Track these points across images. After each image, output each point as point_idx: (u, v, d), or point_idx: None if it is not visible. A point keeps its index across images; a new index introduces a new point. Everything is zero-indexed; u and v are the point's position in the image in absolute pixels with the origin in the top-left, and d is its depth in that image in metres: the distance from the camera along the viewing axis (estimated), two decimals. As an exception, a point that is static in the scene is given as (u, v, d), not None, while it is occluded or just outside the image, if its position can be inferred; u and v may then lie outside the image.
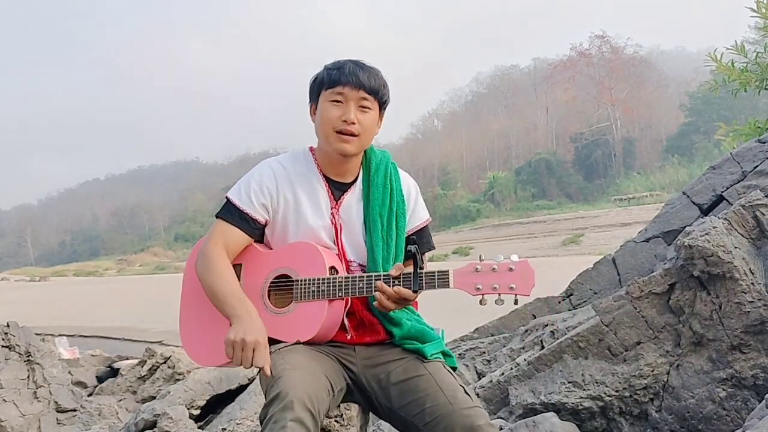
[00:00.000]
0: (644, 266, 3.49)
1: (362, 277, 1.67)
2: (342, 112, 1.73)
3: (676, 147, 54.83)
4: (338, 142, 1.74)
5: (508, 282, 1.55)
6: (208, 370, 5.90)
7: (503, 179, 61.27)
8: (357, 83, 1.73)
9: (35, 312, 20.28)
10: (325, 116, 1.74)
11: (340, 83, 1.73)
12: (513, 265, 1.56)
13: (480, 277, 1.58)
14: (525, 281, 1.55)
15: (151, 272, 60.12)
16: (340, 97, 1.74)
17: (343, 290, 1.68)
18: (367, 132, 1.77)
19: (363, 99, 1.75)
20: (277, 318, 1.72)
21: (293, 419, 1.41)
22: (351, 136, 1.74)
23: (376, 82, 1.76)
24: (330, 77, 1.75)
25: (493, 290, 1.56)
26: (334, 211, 1.80)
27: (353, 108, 1.73)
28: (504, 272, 1.56)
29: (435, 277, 1.60)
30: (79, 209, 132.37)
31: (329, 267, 1.71)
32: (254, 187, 1.79)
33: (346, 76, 1.73)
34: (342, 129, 1.73)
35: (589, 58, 71.05)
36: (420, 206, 1.91)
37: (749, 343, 2.45)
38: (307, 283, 1.70)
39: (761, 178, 3.15)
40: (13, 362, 5.18)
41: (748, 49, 4.45)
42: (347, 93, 1.73)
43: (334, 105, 1.74)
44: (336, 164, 1.81)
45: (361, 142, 1.77)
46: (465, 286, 1.59)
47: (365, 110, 1.76)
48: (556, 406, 2.71)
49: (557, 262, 25.48)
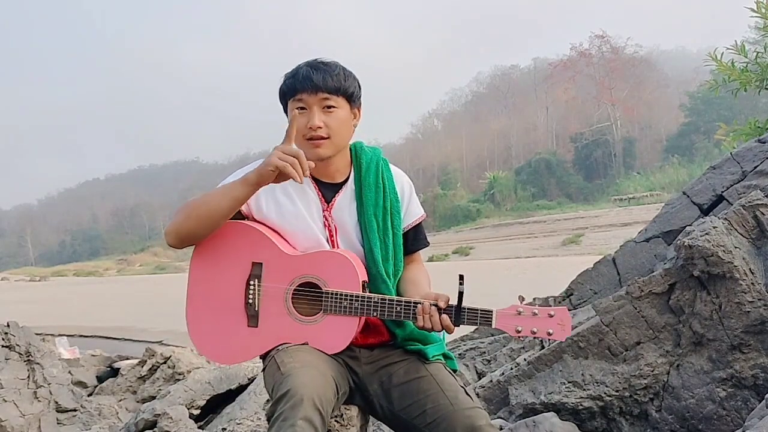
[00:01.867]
0: (644, 266, 3.49)
1: (400, 301, 1.66)
2: (307, 119, 1.71)
3: (676, 147, 54.81)
4: (310, 149, 1.72)
5: (547, 327, 1.63)
6: (209, 370, 5.91)
7: (503, 179, 61.24)
8: (313, 87, 1.70)
9: (35, 312, 20.25)
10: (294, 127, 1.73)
11: (298, 91, 1.72)
12: (553, 312, 1.64)
13: (521, 320, 1.64)
14: (563, 328, 1.63)
15: (151, 272, 60.08)
16: (302, 104, 1.72)
17: (379, 311, 1.66)
18: (338, 132, 1.74)
19: (324, 100, 1.71)
20: (302, 326, 1.70)
21: (303, 418, 1.40)
22: (320, 140, 1.71)
23: (333, 79, 1.72)
24: (288, 86, 1.74)
25: (532, 333, 1.63)
26: (326, 214, 1.79)
27: (317, 112, 1.71)
28: (544, 317, 1.63)
29: (478, 314, 1.64)
30: (79, 209, 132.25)
31: (362, 282, 1.70)
32: None
33: (301, 83, 1.71)
34: (310, 136, 1.71)
35: (589, 58, 71.00)
36: (414, 203, 1.90)
37: (749, 343, 2.45)
38: (339, 297, 1.67)
39: (761, 178, 3.14)
40: (13, 362, 5.19)
41: (748, 49, 4.45)
42: (306, 99, 1.71)
43: (300, 113, 1.72)
44: (321, 167, 1.79)
45: (334, 143, 1.74)
46: (506, 327, 1.64)
47: (330, 110, 1.72)
48: (556, 406, 2.71)
49: (557, 262, 25.50)
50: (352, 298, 1.66)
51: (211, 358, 1.82)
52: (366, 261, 1.78)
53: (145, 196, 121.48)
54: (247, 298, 1.74)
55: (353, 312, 1.66)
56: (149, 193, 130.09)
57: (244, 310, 1.74)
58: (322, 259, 1.72)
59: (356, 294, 1.67)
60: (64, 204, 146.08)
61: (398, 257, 1.82)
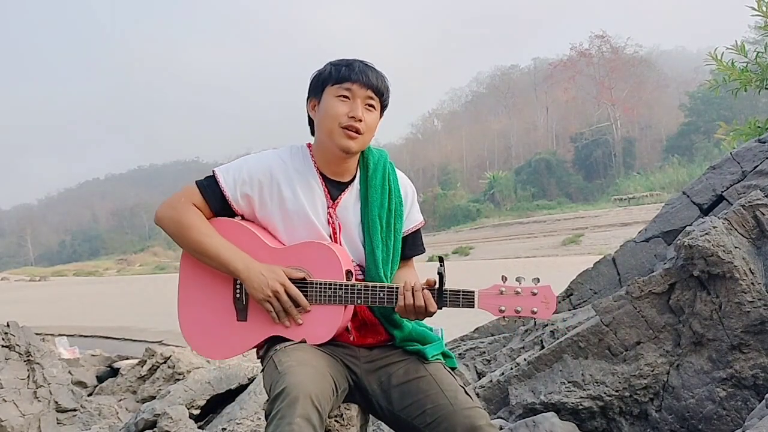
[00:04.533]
0: (644, 266, 3.49)
1: (383, 287, 1.66)
2: (349, 109, 1.71)
3: (676, 147, 54.84)
4: (343, 138, 1.72)
5: (531, 305, 1.61)
6: (209, 370, 5.90)
7: (503, 179, 61.28)
8: (366, 82, 1.72)
9: (35, 312, 20.26)
10: (332, 111, 1.72)
11: (350, 80, 1.72)
12: (536, 290, 1.61)
13: (504, 300, 1.62)
14: (547, 306, 1.61)
15: (151, 272, 60.12)
16: (347, 93, 1.72)
17: (362, 298, 1.66)
18: (370, 131, 1.76)
19: (369, 98, 1.73)
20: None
21: (300, 416, 1.40)
22: (356, 133, 1.72)
23: (383, 83, 1.76)
24: (339, 73, 1.73)
25: (516, 312, 1.61)
26: (331, 211, 1.78)
27: (360, 105, 1.72)
28: (527, 296, 1.61)
29: (460, 295, 1.63)
30: (79, 209, 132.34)
31: (345, 271, 1.70)
32: (244, 176, 1.76)
33: (356, 74, 1.72)
34: (348, 125, 1.71)
35: (589, 58, 71.06)
36: (415, 208, 1.91)
37: (749, 343, 2.45)
38: (323, 286, 1.68)
39: (761, 178, 3.14)
40: (13, 362, 5.19)
41: (748, 48, 4.44)
42: (355, 90, 1.71)
43: (341, 101, 1.72)
44: (334, 162, 1.79)
45: (364, 141, 1.76)
46: (489, 307, 1.62)
47: (370, 110, 1.75)
48: (556, 406, 2.71)
49: (557, 262, 25.50)
50: (336, 286, 1.67)
51: (204, 354, 1.83)
52: (366, 261, 1.78)
53: (145, 196, 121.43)
54: (235, 293, 1.74)
55: (338, 300, 1.67)
56: (149, 193, 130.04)
57: (233, 304, 1.74)
58: (307, 251, 1.72)
59: (340, 282, 1.67)
60: (64, 204, 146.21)
61: (395, 260, 1.82)
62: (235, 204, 1.76)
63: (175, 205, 1.75)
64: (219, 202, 1.76)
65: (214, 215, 1.78)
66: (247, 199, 1.76)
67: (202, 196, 1.76)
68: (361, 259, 1.79)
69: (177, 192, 1.79)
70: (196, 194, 1.76)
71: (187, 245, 1.75)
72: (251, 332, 1.73)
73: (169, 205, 1.77)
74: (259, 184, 1.75)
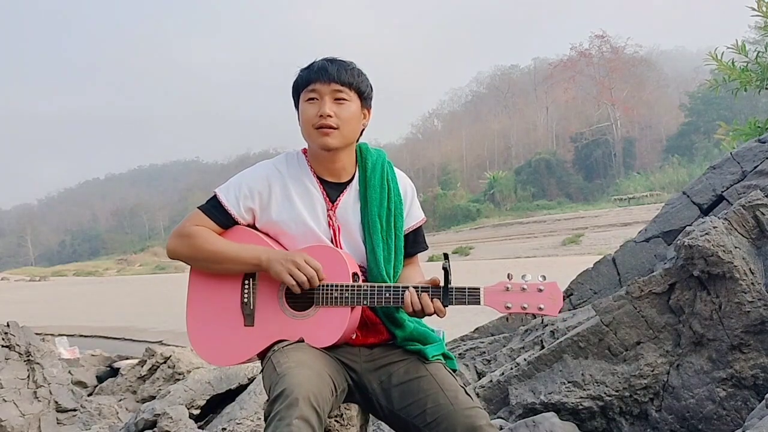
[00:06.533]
0: (644, 266, 3.49)
1: (389, 287, 1.66)
2: (318, 109, 1.73)
3: (676, 147, 54.86)
4: (319, 137, 1.73)
5: (537, 302, 1.60)
6: (209, 370, 5.90)
7: (503, 179, 61.28)
8: (326, 77, 1.72)
9: (35, 312, 20.27)
10: (304, 116, 1.75)
11: (311, 80, 1.74)
12: (542, 286, 1.61)
13: (510, 296, 1.61)
14: (553, 302, 1.60)
15: (151, 272, 60.13)
16: (314, 94, 1.74)
17: (369, 299, 1.66)
18: (348, 124, 1.75)
19: (337, 91, 1.73)
20: (297, 321, 1.70)
21: (299, 417, 1.40)
22: (330, 129, 1.72)
23: (347, 73, 1.74)
24: (302, 78, 1.77)
25: (522, 309, 1.60)
26: (330, 213, 1.78)
27: (328, 102, 1.72)
28: (533, 293, 1.60)
29: (466, 293, 1.62)
30: (79, 209, 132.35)
31: (352, 273, 1.70)
32: (245, 191, 1.77)
33: (316, 73, 1.74)
34: (319, 124, 1.72)
35: (589, 58, 71.11)
36: (416, 206, 1.91)
37: (749, 343, 2.45)
38: (330, 288, 1.67)
39: (761, 178, 3.15)
40: (13, 362, 5.19)
41: (748, 48, 4.45)
42: (319, 88, 1.73)
43: (311, 103, 1.74)
44: (327, 163, 1.80)
45: (343, 134, 1.74)
46: (495, 304, 1.62)
47: (342, 102, 1.74)
48: (556, 406, 2.71)
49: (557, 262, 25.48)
50: (342, 288, 1.67)
51: (212, 362, 1.82)
52: (368, 261, 1.78)
53: (145, 196, 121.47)
54: (242, 298, 1.75)
55: (344, 302, 1.67)
56: (149, 193, 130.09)
57: (241, 310, 1.75)
58: (313, 254, 1.72)
59: (346, 284, 1.67)
60: (64, 204, 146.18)
61: (398, 259, 1.82)
62: (241, 219, 1.79)
63: (182, 232, 1.78)
64: (225, 220, 1.78)
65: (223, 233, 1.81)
66: (251, 212, 1.79)
67: (208, 217, 1.78)
68: (363, 259, 1.79)
69: (182, 222, 1.82)
70: (202, 217, 1.79)
71: (205, 258, 1.76)
72: (258, 337, 1.73)
73: (177, 233, 1.80)
74: (259, 196, 1.77)
